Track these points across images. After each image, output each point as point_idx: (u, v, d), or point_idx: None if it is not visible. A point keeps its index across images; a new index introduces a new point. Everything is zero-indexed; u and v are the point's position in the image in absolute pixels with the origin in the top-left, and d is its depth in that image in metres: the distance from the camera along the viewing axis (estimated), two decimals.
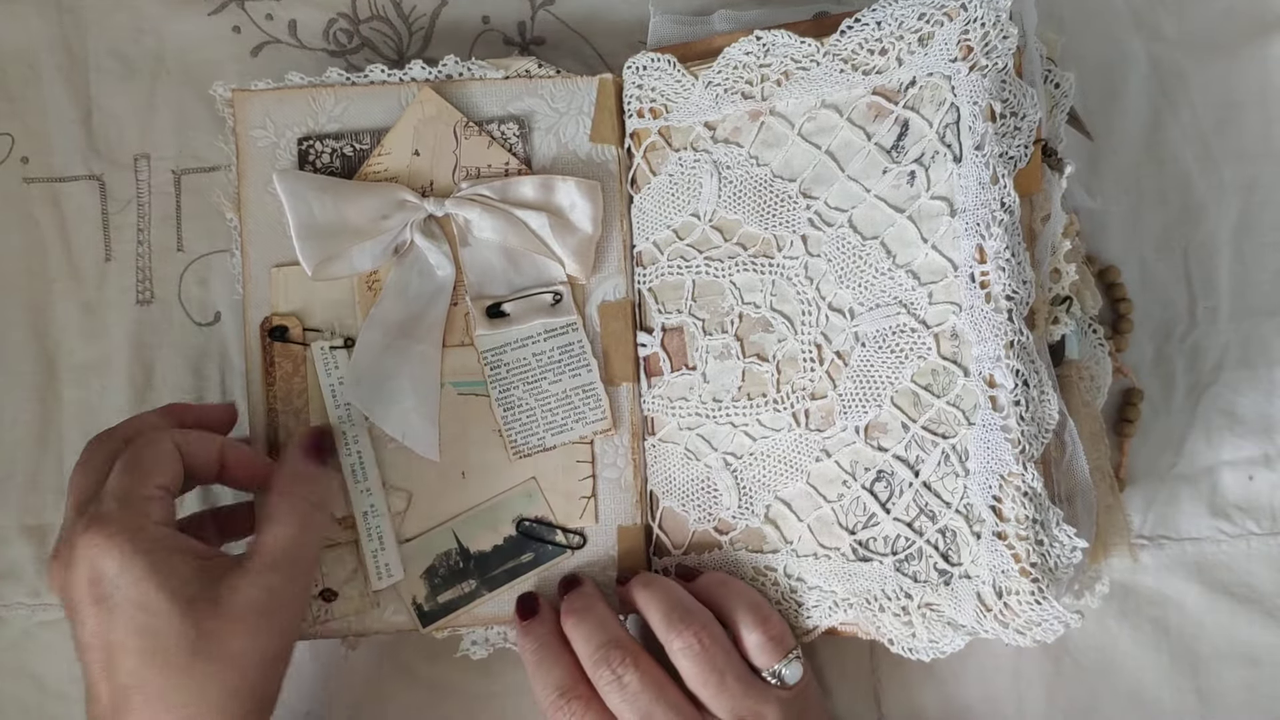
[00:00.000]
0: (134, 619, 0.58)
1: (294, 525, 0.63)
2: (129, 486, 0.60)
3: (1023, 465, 0.59)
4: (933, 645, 0.64)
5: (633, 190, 0.72)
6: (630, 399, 0.71)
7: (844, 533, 0.65)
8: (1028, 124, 0.61)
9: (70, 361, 0.77)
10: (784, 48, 0.66)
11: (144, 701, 0.58)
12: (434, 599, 0.70)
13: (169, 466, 0.62)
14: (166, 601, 0.58)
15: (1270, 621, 0.74)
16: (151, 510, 0.60)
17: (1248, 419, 0.75)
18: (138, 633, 0.58)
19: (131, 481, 0.61)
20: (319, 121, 0.71)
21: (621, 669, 0.63)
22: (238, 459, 0.66)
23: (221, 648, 0.59)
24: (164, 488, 0.62)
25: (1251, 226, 0.75)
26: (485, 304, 0.70)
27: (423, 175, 0.71)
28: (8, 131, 0.78)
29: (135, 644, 0.58)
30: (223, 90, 0.71)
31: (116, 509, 0.60)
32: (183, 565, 0.60)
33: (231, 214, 0.71)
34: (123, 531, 0.59)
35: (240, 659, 0.59)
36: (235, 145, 0.71)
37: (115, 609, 0.58)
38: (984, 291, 0.60)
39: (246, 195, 0.71)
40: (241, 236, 0.71)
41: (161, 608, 0.58)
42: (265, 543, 0.62)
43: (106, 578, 0.58)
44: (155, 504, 0.61)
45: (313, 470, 0.66)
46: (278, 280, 0.71)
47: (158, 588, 0.58)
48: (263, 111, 0.71)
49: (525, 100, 0.71)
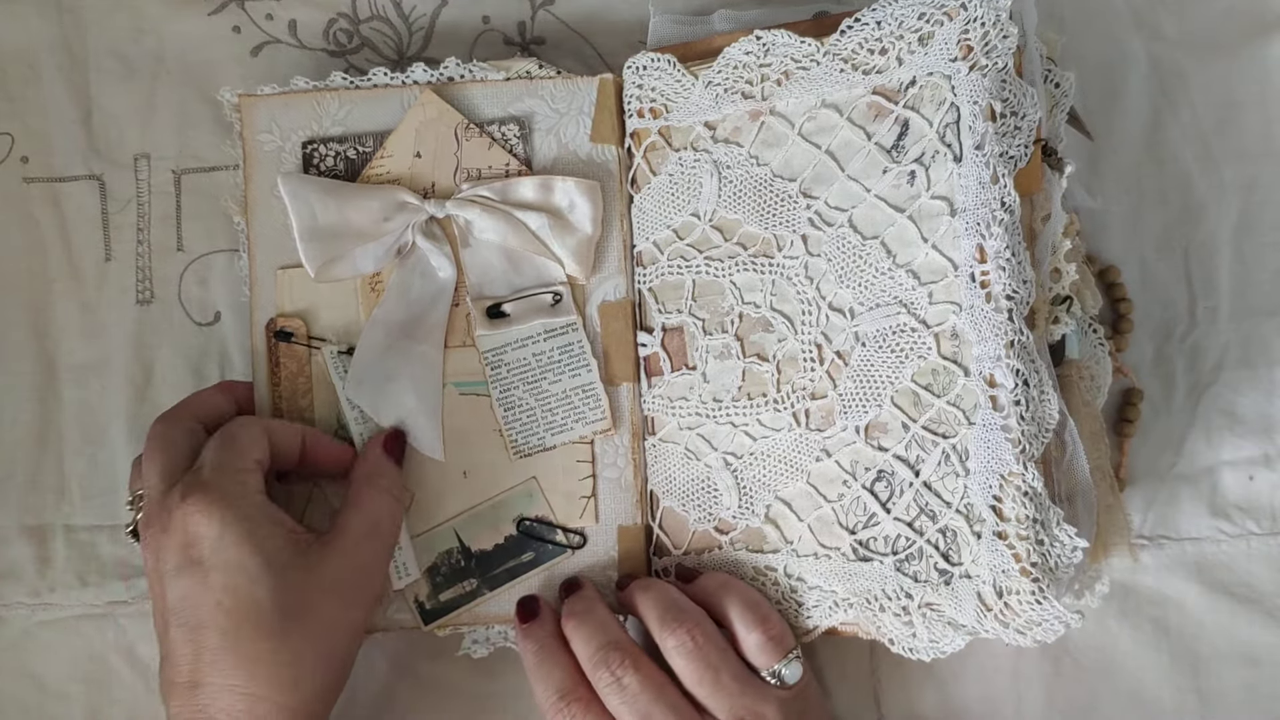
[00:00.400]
0: (230, 582, 0.61)
1: (377, 509, 0.66)
2: (227, 460, 0.64)
3: (1023, 465, 0.59)
4: (933, 645, 0.64)
5: (633, 190, 0.72)
6: (630, 399, 0.71)
7: (844, 532, 0.65)
8: (1028, 123, 0.61)
9: (70, 361, 0.77)
10: (784, 47, 0.66)
11: (235, 664, 0.61)
12: (436, 597, 0.70)
13: (263, 445, 0.65)
14: (262, 567, 0.61)
15: (1270, 621, 0.74)
16: (249, 481, 0.64)
17: (1248, 419, 0.75)
18: (233, 595, 0.61)
19: (229, 455, 0.64)
20: (323, 125, 0.72)
21: (621, 670, 0.63)
22: (317, 445, 0.69)
23: (314, 614, 0.62)
24: (259, 462, 0.65)
25: (1251, 226, 0.75)
26: (485, 304, 0.70)
27: (424, 177, 0.71)
28: (8, 131, 0.78)
29: (230, 605, 0.61)
30: (229, 95, 0.72)
31: (216, 478, 0.63)
32: (277, 534, 0.63)
33: (239, 217, 0.72)
34: (224, 499, 0.62)
35: (330, 626, 0.63)
36: (242, 149, 0.72)
37: (211, 572, 0.61)
38: (984, 291, 0.60)
39: (253, 198, 0.71)
40: (248, 239, 0.72)
41: (258, 572, 0.61)
42: (351, 523, 0.66)
43: (204, 541, 0.61)
44: (252, 476, 0.64)
45: (390, 464, 0.69)
46: (283, 282, 0.71)
47: (253, 552, 0.61)
48: (269, 116, 0.72)
49: (526, 101, 0.72)
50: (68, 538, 0.76)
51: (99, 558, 0.76)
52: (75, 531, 0.77)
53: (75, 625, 0.76)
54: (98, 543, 0.76)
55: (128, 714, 0.76)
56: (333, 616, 0.63)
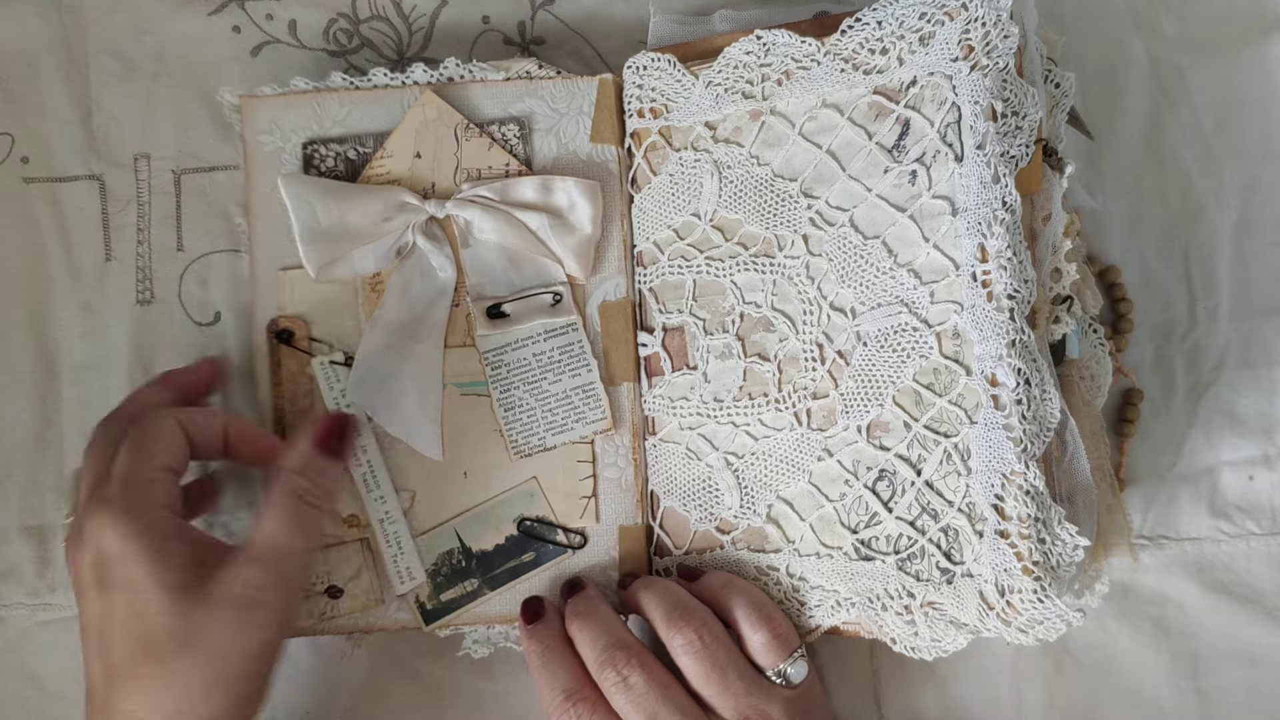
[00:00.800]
0: (127, 602, 0.59)
1: (287, 521, 0.63)
2: (132, 469, 0.61)
3: (1025, 464, 0.59)
4: (935, 644, 0.64)
5: (633, 190, 0.72)
6: (631, 399, 0.71)
7: (846, 532, 0.65)
8: (1029, 123, 0.61)
9: (70, 361, 0.77)
10: (784, 47, 0.66)
11: (131, 687, 0.59)
12: (437, 597, 0.71)
13: (172, 446, 0.63)
14: (156, 588, 0.59)
15: (1270, 621, 0.74)
16: (154, 494, 0.61)
17: (1248, 419, 0.75)
18: (130, 616, 0.59)
19: (135, 464, 0.62)
20: (323, 126, 0.72)
21: (627, 670, 0.63)
22: (241, 435, 0.66)
23: (205, 640, 0.59)
24: (167, 469, 0.62)
25: (1251, 226, 0.75)
26: (485, 304, 0.70)
27: (424, 177, 0.71)
28: (8, 131, 0.78)
29: (126, 628, 0.59)
30: (230, 96, 0.73)
31: (120, 491, 0.60)
32: (178, 552, 0.60)
33: (240, 218, 0.72)
34: (125, 513, 0.59)
35: (224, 652, 0.59)
36: (243, 150, 0.72)
37: (111, 591, 0.59)
38: (986, 290, 0.60)
39: (254, 199, 0.72)
40: (250, 240, 0.72)
41: (152, 593, 0.59)
42: (256, 536, 0.62)
43: (109, 558, 0.59)
44: (158, 487, 0.62)
45: (318, 462, 0.65)
46: (284, 283, 0.71)
47: (149, 573, 0.59)
48: (269, 117, 0.72)
49: (526, 101, 0.72)
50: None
51: None
52: None
53: (75, 625, 0.75)
54: None
55: None
56: (224, 642, 0.59)
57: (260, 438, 0.67)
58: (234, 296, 0.76)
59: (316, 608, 0.70)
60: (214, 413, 0.66)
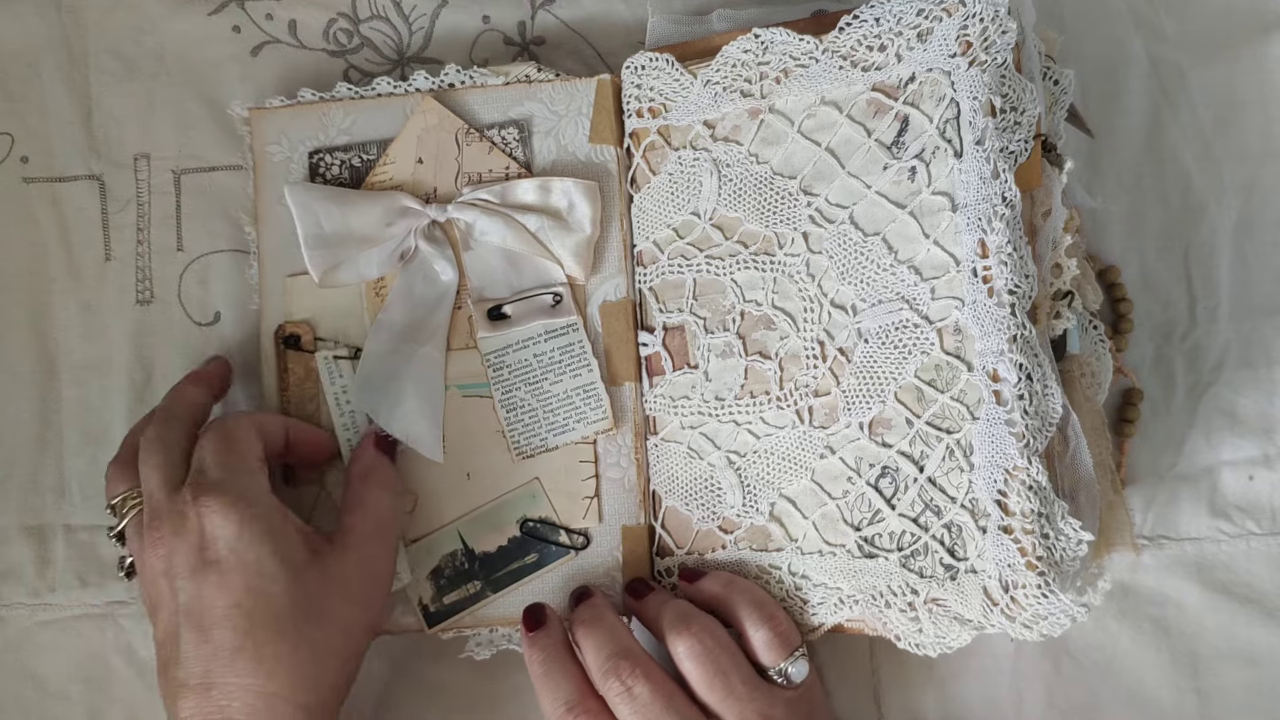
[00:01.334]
0: (249, 582, 0.61)
1: (379, 506, 0.67)
2: (232, 460, 0.64)
3: (1027, 459, 0.59)
4: (939, 640, 0.64)
5: (633, 190, 0.72)
6: (633, 398, 0.71)
7: (849, 529, 0.65)
8: (1028, 119, 0.61)
9: (70, 361, 0.77)
10: (782, 45, 0.66)
11: (252, 664, 0.61)
12: (440, 600, 0.70)
13: (258, 443, 0.66)
14: (279, 567, 0.62)
15: (1270, 621, 0.74)
16: (259, 481, 0.64)
17: (1248, 419, 0.75)
18: (248, 595, 0.61)
19: (233, 456, 0.64)
20: (329, 135, 0.73)
21: (632, 680, 0.63)
22: (300, 436, 0.70)
23: (328, 615, 0.63)
24: (261, 461, 0.65)
25: (1251, 226, 0.76)
26: (486, 306, 0.71)
27: (426, 183, 0.72)
28: (8, 131, 0.78)
29: (249, 606, 0.61)
30: (240, 109, 0.74)
31: (229, 478, 0.63)
32: (291, 534, 0.64)
33: (250, 227, 0.73)
34: (240, 498, 0.62)
35: (344, 626, 0.64)
36: (252, 161, 0.73)
37: (229, 572, 0.61)
38: (986, 286, 0.60)
39: (263, 208, 0.73)
40: (259, 248, 0.73)
41: (276, 572, 0.62)
42: (356, 523, 0.66)
43: (221, 541, 0.61)
44: (260, 476, 0.65)
45: (385, 460, 0.69)
46: (291, 289, 0.72)
47: (272, 553, 0.62)
48: (278, 128, 0.73)
49: (525, 105, 0.72)
50: (68, 538, 0.76)
51: (99, 558, 0.76)
52: (75, 531, 0.76)
53: (75, 625, 0.76)
54: (98, 543, 0.76)
55: (127, 714, 0.76)
56: (346, 616, 0.64)
57: (319, 438, 0.71)
58: (234, 296, 0.77)
59: None
60: (278, 417, 0.70)
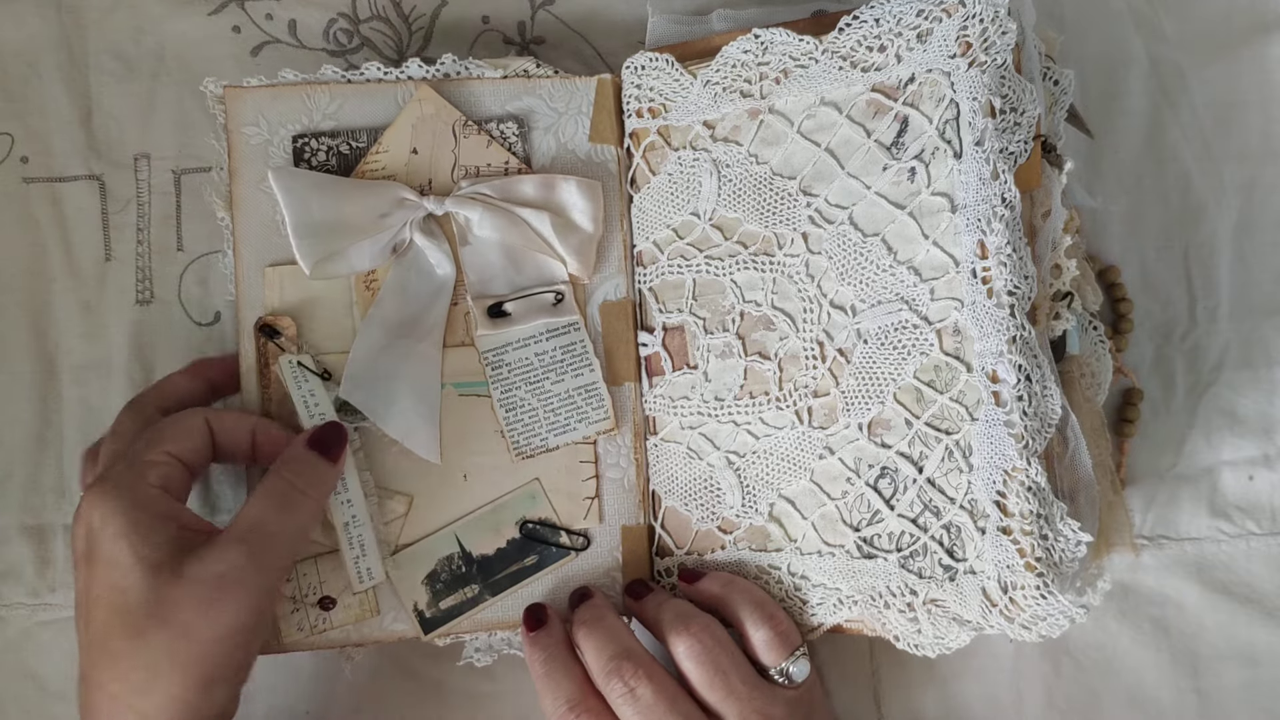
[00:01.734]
0: (107, 576, 0.59)
1: (271, 503, 0.63)
2: (139, 451, 0.62)
3: (1026, 460, 0.59)
4: (938, 641, 0.64)
5: (632, 190, 0.72)
6: (633, 398, 0.71)
7: (848, 530, 0.65)
8: (1027, 119, 0.61)
9: (70, 361, 0.77)
10: (782, 46, 0.66)
11: (106, 661, 0.59)
12: (436, 605, 0.70)
13: (190, 439, 0.64)
14: (133, 562, 0.59)
15: (1270, 621, 0.74)
16: (149, 473, 0.62)
17: (1248, 419, 0.75)
18: (108, 590, 0.59)
19: (143, 446, 0.63)
20: (314, 119, 0.70)
21: (634, 680, 0.62)
22: (268, 439, 0.66)
23: (176, 617, 0.59)
24: (174, 455, 0.63)
25: (1251, 226, 0.76)
26: (486, 304, 0.70)
27: (421, 174, 0.71)
28: (8, 131, 0.78)
29: (105, 601, 0.59)
30: (214, 86, 0.70)
31: (118, 470, 0.61)
32: (161, 530, 0.60)
33: (223, 213, 0.70)
34: (115, 490, 0.60)
35: (193, 631, 0.59)
36: (226, 142, 0.70)
37: (95, 565, 0.60)
38: (986, 287, 0.60)
39: (239, 194, 0.70)
40: (234, 236, 0.70)
41: (129, 568, 0.59)
42: (239, 517, 0.62)
43: (95, 533, 0.60)
44: (157, 468, 0.62)
45: (308, 456, 0.65)
46: (272, 280, 0.70)
47: (128, 548, 0.59)
48: (255, 109, 0.70)
49: (524, 100, 0.71)
50: (68, 537, 0.76)
51: None
52: None
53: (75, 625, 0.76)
54: None
55: None
56: (194, 620, 0.59)
57: (283, 440, 0.66)
58: (230, 297, 0.76)
59: (307, 620, 0.68)
60: (243, 416, 0.66)
